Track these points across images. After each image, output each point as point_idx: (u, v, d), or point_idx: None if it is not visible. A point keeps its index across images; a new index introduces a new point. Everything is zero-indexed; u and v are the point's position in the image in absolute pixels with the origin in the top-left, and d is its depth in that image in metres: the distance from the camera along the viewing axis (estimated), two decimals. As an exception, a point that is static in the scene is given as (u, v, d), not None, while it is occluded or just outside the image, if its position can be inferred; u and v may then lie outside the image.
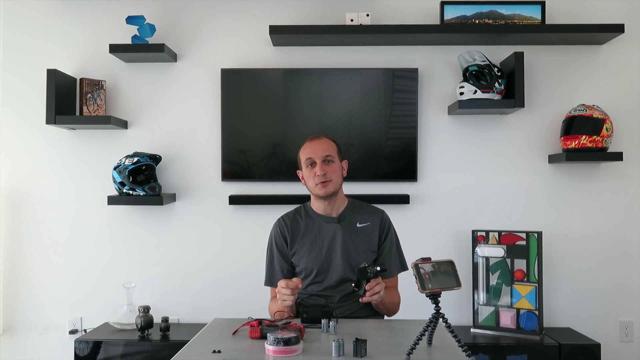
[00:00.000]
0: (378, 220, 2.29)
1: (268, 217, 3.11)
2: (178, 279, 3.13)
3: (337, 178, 2.23)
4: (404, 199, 3.05)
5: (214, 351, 1.55)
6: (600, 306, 3.09)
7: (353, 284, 1.94)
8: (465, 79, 2.95)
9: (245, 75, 3.09)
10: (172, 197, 3.10)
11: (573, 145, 2.91)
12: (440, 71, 3.12)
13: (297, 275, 2.26)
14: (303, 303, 2.01)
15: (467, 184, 3.12)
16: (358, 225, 2.26)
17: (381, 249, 2.26)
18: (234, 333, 1.74)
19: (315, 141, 2.25)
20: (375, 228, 2.26)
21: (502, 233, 2.91)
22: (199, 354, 1.55)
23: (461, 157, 3.12)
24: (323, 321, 1.77)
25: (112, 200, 2.97)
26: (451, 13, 3.04)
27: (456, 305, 3.01)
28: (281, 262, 2.27)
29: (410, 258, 2.11)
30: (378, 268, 1.88)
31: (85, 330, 3.07)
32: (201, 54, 3.14)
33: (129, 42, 3.01)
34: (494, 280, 2.90)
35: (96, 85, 3.05)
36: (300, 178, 2.30)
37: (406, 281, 2.20)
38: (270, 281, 2.29)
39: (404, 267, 2.30)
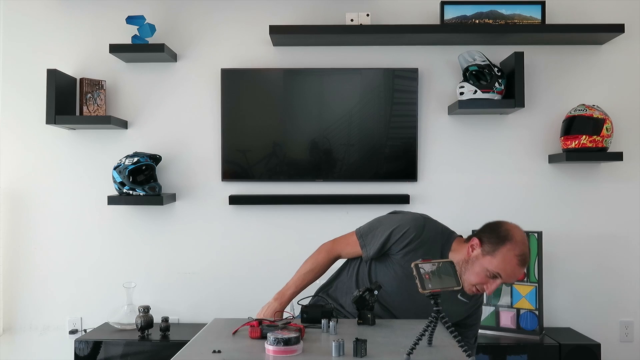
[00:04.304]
0: (476, 305, 2.10)
1: (268, 217, 3.14)
2: (178, 279, 3.13)
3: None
4: (404, 199, 3.05)
5: (214, 351, 1.55)
6: (600, 306, 3.09)
7: (357, 318, 1.84)
8: (465, 79, 2.95)
9: (245, 75, 3.09)
10: (172, 197, 3.10)
11: (573, 145, 2.91)
12: (440, 71, 3.12)
13: (374, 269, 2.04)
14: (303, 303, 2.01)
15: (467, 184, 3.12)
16: (459, 297, 2.01)
17: (463, 327, 2.09)
18: (234, 333, 1.73)
19: (520, 269, 1.88)
20: (469, 311, 2.09)
21: (502, 233, 2.90)
22: (199, 354, 1.55)
23: (461, 157, 3.12)
24: (323, 321, 1.76)
25: (112, 200, 2.97)
26: (451, 13, 3.04)
27: (456, 305, 3.01)
28: (384, 247, 2.00)
29: (410, 258, 2.12)
30: (376, 292, 1.81)
31: (85, 330, 3.07)
32: (201, 54, 3.14)
33: (129, 42, 3.01)
34: (494, 280, 2.90)
35: (96, 85, 3.05)
36: (471, 247, 1.93)
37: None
38: (362, 241, 2.03)
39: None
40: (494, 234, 1.90)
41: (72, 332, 3.09)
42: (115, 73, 3.13)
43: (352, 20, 2.98)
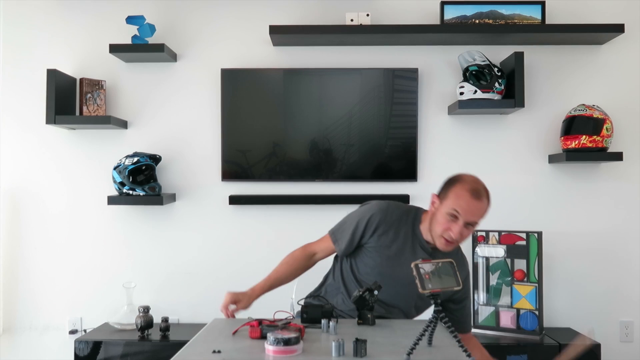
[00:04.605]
0: (464, 276, 2.09)
1: (268, 217, 3.14)
2: (178, 279, 3.13)
3: (463, 241, 2.01)
4: (404, 199, 3.04)
5: (214, 351, 1.55)
6: (600, 306, 3.09)
7: (357, 318, 1.84)
8: (465, 79, 2.95)
9: (245, 75, 3.09)
10: (172, 197, 3.10)
11: (573, 145, 2.91)
12: (440, 71, 3.12)
13: (355, 262, 2.09)
14: (303, 304, 2.01)
15: (467, 184, 3.11)
16: None
17: (455, 302, 2.11)
18: (234, 333, 1.73)
19: (476, 202, 1.92)
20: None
21: (502, 233, 2.91)
22: (199, 354, 1.55)
23: (461, 157, 3.12)
24: (323, 321, 1.76)
25: (112, 200, 2.97)
26: (451, 13, 3.04)
27: (456, 305, 3.01)
28: (354, 238, 2.07)
29: (410, 258, 2.12)
30: (376, 292, 1.82)
31: (85, 330, 3.07)
32: (201, 54, 3.14)
33: (129, 42, 3.01)
34: (494, 280, 2.90)
35: (96, 85, 3.05)
36: (432, 203, 2.01)
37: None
38: (334, 237, 2.11)
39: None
40: (445, 182, 2.02)
41: (72, 332, 3.09)
42: (115, 73, 3.13)
43: (352, 20, 2.98)
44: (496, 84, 2.92)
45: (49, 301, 3.13)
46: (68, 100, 3.03)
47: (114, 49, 2.97)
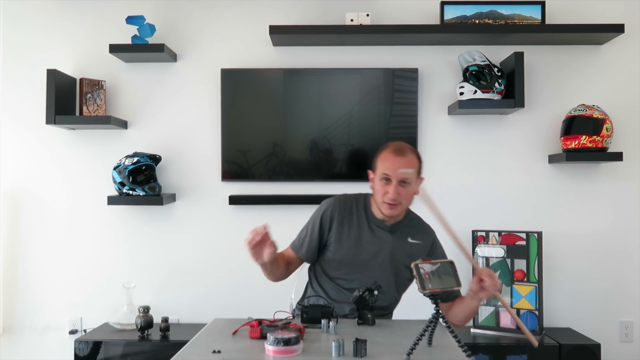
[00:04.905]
0: (430, 242, 2.15)
1: (268, 217, 3.12)
2: (178, 279, 3.13)
3: (407, 201, 2.05)
4: (404, 199, 3.05)
5: (214, 351, 1.55)
6: (600, 306, 3.09)
7: (357, 318, 1.86)
8: (465, 79, 2.95)
9: (245, 75, 3.09)
10: (172, 197, 3.10)
11: (573, 145, 2.91)
12: (440, 71, 3.12)
13: (324, 264, 2.15)
14: (303, 304, 2.01)
15: (467, 183, 3.12)
16: (409, 240, 2.12)
17: None
18: (234, 333, 1.74)
19: (399, 158, 2.01)
20: (425, 250, 2.12)
21: (502, 233, 2.91)
22: (199, 354, 1.55)
23: (461, 157, 3.12)
24: (323, 321, 1.77)
25: (112, 200, 2.97)
26: (451, 13, 3.04)
27: (456, 305, 3.01)
28: (316, 238, 2.13)
29: (410, 258, 2.12)
30: (376, 292, 1.84)
31: (85, 330, 3.07)
32: (201, 54, 3.14)
33: (129, 42, 3.01)
34: (494, 280, 2.90)
35: (96, 85, 3.05)
36: (370, 179, 2.11)
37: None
38: (296, 247, 2.17)
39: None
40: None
41: (72, 332, 3.09)
42: (115, 73, 3.13)
43: (352, 20, 2.98)
44: (496, 84, 2.92)
45: (49, 301, 3.13)
46: (68, 100, 3.03)
47: (114, 49, 2.97)
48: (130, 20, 3.00)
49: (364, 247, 2.09)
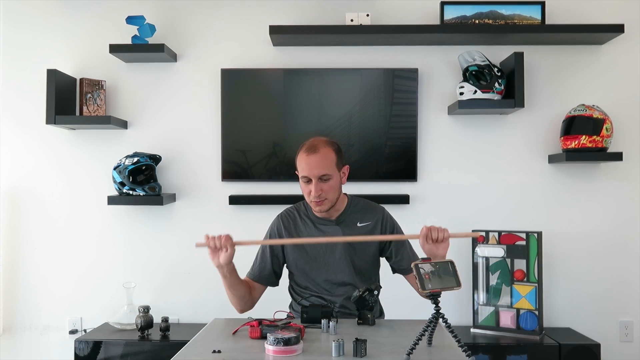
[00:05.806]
0: (379, 218, 2.19)
1: (268, 217, 3.09)
2: (178, 278, 3.13)
3: (333, 194, 2.08)
4: (404, 199, 3.05)
5: (214, 351, 1.55)
6: (600, 306, 3.09)
7: (357, 318, 1.88)
8: (465, 79, 2.95)
9: (245, 75, 3.09)
10: (172, 197, 3.11)
11: (573, 145, 2.91)
12: (440, 71, 3.12)
13: (292, 278, 2.22)
14: (303, 303, 2.01)
15: (467, 184, 3.12)
16: (359, 225, 2.16)
17: (390, 247, 2.17)
18: (234, 333, 1.74)
19: (312, 157, 2.04)
20: (377, 227, 2.17)
21: (502, 233, 2.91)
22: (199, 354, 1.55)
23: (461, 157, 3.12)
24: (323, 321, 1.77)
25: (112, 200, 2.97)
26: (451, 13, 3.04)
27: (456, 305, 3.01)
28: (268, 260, 2.17)
29: (410, 258, 2.12)
30: (376, 292, 1.87)
31: (85, 330, 3.07)
32: (201, 54, 3.14)
33: (129, 42, 3.01)
34: (493, 280, 2.90)
35: (96, 85, 3.05)
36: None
37: (406, 281, 2.20)
38: (252, 273, 2.18)
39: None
40: None
41: (72, 332, 3.09)
42: (115, 73, 3.13)
43: (352, 20, 2.98)
44: (496, 84, 2.92)
45: (49, 301, 3.13)
46: (68, 100, 3.03)
47: (114, 49, 2.97)
48: (130, 20, 3.00)
49: (317, 247, 2.14)
